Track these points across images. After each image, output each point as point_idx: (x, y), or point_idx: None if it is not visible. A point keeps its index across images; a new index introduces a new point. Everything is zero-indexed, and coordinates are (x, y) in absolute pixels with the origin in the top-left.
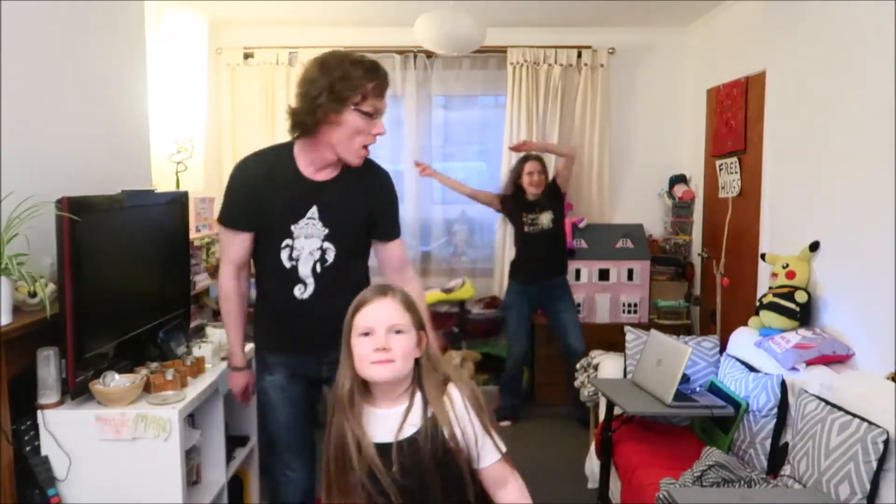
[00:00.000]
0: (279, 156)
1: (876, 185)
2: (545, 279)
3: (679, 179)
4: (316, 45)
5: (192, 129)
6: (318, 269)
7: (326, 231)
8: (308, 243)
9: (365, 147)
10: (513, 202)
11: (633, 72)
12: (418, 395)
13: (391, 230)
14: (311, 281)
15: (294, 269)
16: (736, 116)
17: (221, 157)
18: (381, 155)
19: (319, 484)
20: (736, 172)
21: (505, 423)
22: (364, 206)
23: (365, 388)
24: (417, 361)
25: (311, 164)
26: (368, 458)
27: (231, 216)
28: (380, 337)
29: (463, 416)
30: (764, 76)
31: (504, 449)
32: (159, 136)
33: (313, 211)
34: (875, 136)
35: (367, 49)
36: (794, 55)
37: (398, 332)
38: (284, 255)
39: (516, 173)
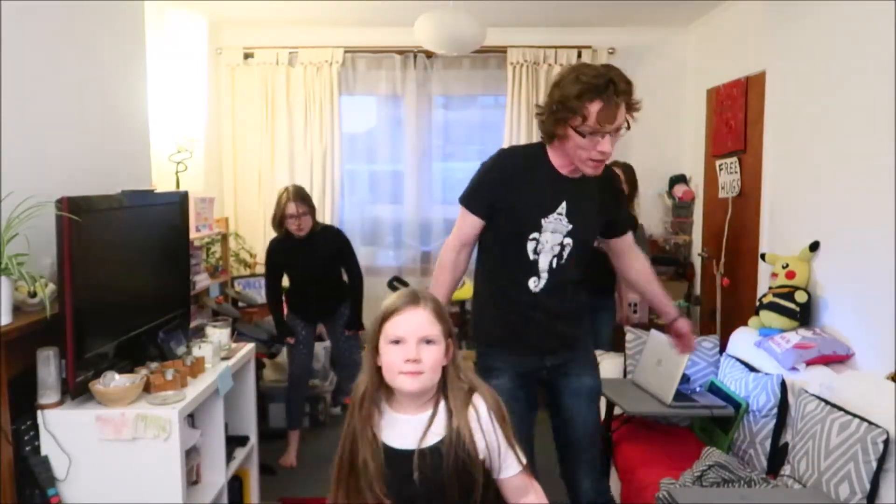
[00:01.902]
0: (536, 152)
1: (876, 184)
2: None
3: (679, 179)
4: (316, 45)
5: (192, 129)
6: (555, 264)
7: (570, 227)
8: (553, 238)
9: (594, 161)
10: None
11: (633, 72)
12: (442, 404)
13: (627, 223)
14: (545, 275)
15: (535, 261)
16: (736, 116)
17: (221, 157)
18: (381, 155)
19: None
20: (736, 172)
21: None
22: (598, 205)
23: (388, 392)
24: (444, 369)
25: (562, 165)
26: (382, 464)
27: (472, 199)
28: (411, 348)
29: (488, 428)
30: (764, 76)
31: (525, 461)
32: (159, 136)
33: (563, 206)
34: (875, 135)
35: (367, 49)
36: (794, 55)
37: (429, 342)
38: (530, 247)
39: None
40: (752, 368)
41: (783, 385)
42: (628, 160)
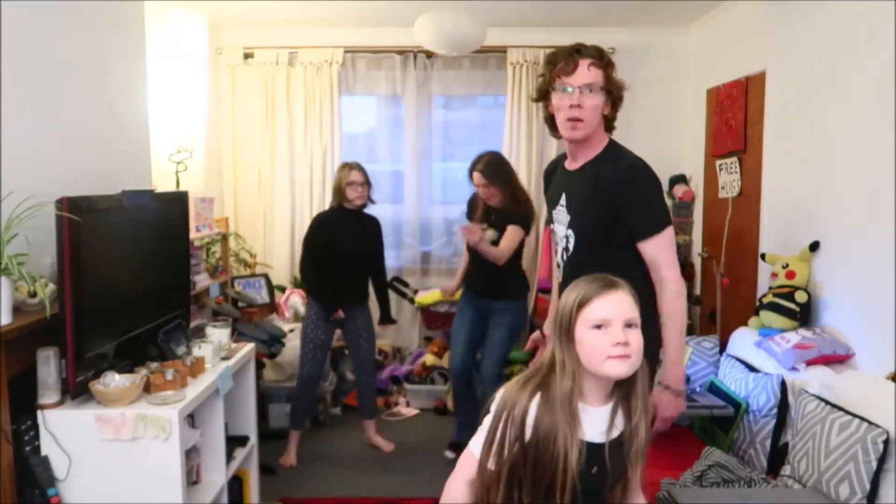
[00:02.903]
0: (562, 156)
1: (876, 184)
2: (486, 297)
3: (679, 179)
4: (316, 45)
5: (192, 129)
6: (564, 256)
7: (569, 218)
8: (559, 230)
9: (571, 120)
10: (469, 205)
11: (633, 72)
12: (619, 394)
13: (635, 228)
14: (561, 266)
15: (556, 252)
16: (736, 116)
17: (221, 157)
18: (381, 155)
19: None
20: (736, 172)
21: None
22: (599, 196)
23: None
24: None
25: (570, 157)
26: (580, 461)
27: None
28: (617, 331)
29: (647, 423)
30: (764, 76)
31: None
32: (159, 136)
33: (563, 198)
34: (875, 135)
35: (367, 49)
36: (794, 55)
37: (631, 325)
38: (553, 238)
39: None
40: (752, 368)
41: (783, 385)
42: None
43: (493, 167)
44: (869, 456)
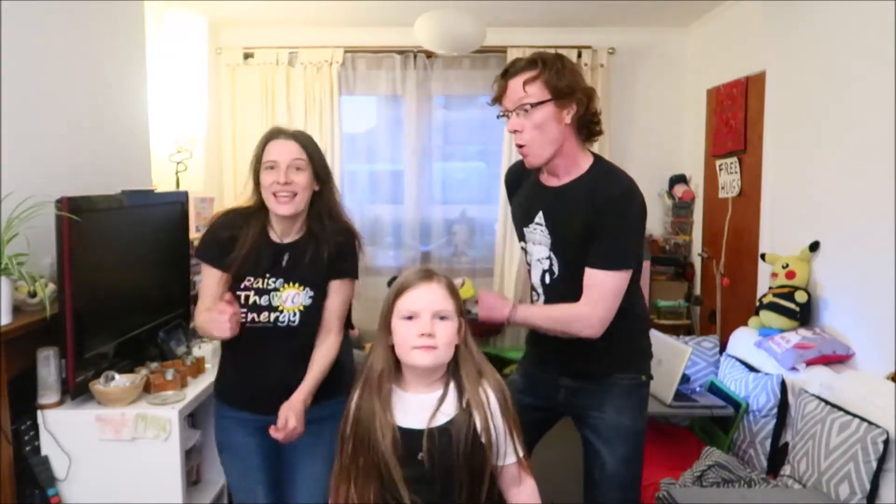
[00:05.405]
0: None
1: (876, 184)
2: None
3: (679, 179)
4: (316, 45)
5: (192, 129)
6: (547, 280)
7: (551, 240)
8: (537, 250)
9: (518, 146)
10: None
11: (633, 72)
12: (453, 384)
13: (593, 252)
14: (540, 291)
15: (530, 273)
16: (736, 116)
17: (221, 157)
18: (381, 155)
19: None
20: (736, 172)
21: None
22: (582, 218)
23: (397, 371)
24: (456, 349)
25: (546, 172)
26: (395, 444)
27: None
28: (425, 322)
29: (495, 412)
30: (764, 76)
31: (522, 452)
32: (159, 136)
33: (541, 216)
34: (875, 135)
35: (367, 49)
36: (794, 55)
37: (442, 318)
38: (526, 258)
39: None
40: (752, 368)
41: (783, 385)
42: (629, 159)
43: (314, 142)
44: (869, 456)
